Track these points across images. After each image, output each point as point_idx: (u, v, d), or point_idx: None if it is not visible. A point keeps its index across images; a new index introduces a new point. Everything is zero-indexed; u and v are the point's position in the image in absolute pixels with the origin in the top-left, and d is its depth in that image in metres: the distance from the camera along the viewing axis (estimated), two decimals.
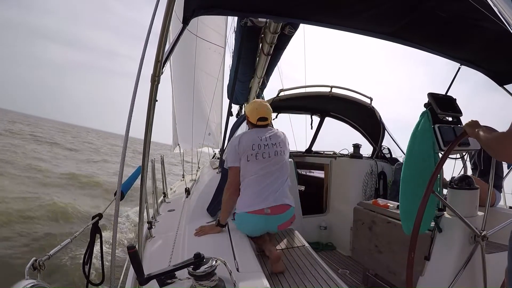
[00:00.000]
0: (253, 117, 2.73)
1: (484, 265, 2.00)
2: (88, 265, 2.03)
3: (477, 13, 1.56)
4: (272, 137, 2.68)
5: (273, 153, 2.60)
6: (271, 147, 2.61)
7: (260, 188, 2.51)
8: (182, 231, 2.76)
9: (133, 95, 1.72)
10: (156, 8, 1.75)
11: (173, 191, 6.23)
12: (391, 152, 4.77)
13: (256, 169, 2.54)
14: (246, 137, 2.63)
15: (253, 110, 2.74)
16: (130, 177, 2.70)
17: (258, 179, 2.53)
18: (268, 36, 3.65)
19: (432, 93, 2.27)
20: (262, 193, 2.49)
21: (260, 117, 2.71)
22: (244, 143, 2.59)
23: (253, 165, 2.56)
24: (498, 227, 2.13)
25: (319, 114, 5.84)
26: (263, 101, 2.90)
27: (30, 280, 1.09)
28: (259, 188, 2.50)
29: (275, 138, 2.69)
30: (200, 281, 1.40)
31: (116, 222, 1.74)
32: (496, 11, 0.84)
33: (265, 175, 2.54)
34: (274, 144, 2.64)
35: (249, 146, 2.58)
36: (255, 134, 2.66)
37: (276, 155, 2.60)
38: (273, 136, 2.69)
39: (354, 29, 2.28)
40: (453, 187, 2.18)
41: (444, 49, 2.53)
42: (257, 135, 2.65)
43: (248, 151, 2.56)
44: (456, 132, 2.18)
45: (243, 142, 2.60)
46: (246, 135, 2.66)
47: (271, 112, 2.79)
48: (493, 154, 1.54)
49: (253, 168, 2.55)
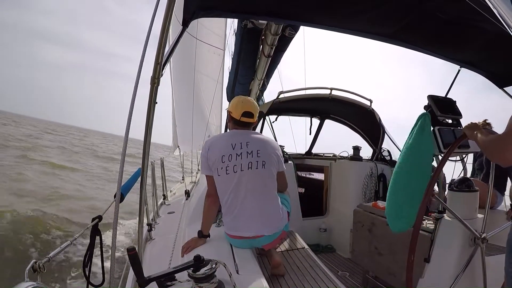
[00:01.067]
0: (237, 112, 2.29)
1: (484, 267, 2.00)
2: (88, 267, 2.02)
3: (477, 15, 1.56)
4: (251, 144, 2.20)
5: (247, 165, 2.13)
6: (245, 158, 2.14)
7: (236, 214, 2.17)
8: (182, 233, 2.76)
9: (132, 97, 1.73)
10: (156, 10, 1.75)
11: (173, 193, 6.23)
12: (391, 154, 4.77)
13: (230, 186, 2.15)
14: (216, 145, 2.21)
15: (237, 104, 2.32)
16: (130, 179, 2.69)
17: (233, 201, 2.16)
18: (269, 37, 3.65)
19: (432, 95, 2.27)
20: (239, 219, 2.17)
21: (245, 111, 2.28)
22: (212, 152, 2.19)
23: (224, 181, 2.16)
24: (497, 229, 2.13)
25: (319, 116, 5.83)
26: (249, 97, 2.48)
27: (30, 283, 1.09)
28: (235, 214, 2.17)
29: (255, 144, 2.20)
30: (200, 283, 1.40)
31: (115, 224, 1.74)
32: (496, 13, 0.84)
33: (242, 195, 2.15)
34: (250, 153, 2.16)
35: (218, 158, 2.15)
36: (229, 140, 2.21)
37: (251, 168, 2.13)
38: (252, 143, 2.21)
39: (354, 31, 2.28)
40: (452, 189, 2.18)
41: (443, 51, 2.54)
42: (231, 141, 2.20)
43: (218, 164, 2.15)
44: (456, 135, 2.18)
45: (212, 151, 2.19)
46: (218, 142, 2.23)
47: (257, 110, 2.37)
48: (490, 157, 1.55)
49: (226, 186, 2.17)
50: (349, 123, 5.64)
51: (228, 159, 2.14)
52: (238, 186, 2.14)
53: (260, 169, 2.15)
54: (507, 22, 0.81)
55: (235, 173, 2.12)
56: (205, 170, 2.25)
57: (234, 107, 2.33)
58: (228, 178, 2.14)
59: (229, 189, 2.15)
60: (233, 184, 2.13)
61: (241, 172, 2.12)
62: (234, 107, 2.32)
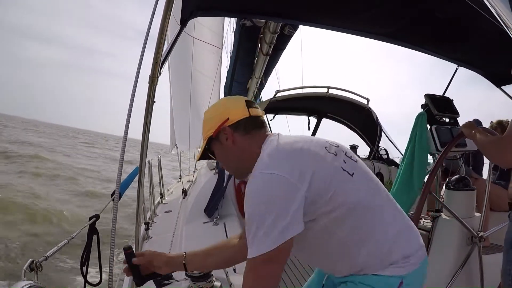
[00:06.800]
0: (238, 108, 1.28)
1: (481, 266, 2.01)
2: (85, 266, 2.02)
3: (475, 14, 1.57)
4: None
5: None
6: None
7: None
8: (179, 232, 2.76)
9: (131, 96, 1.72)
10: (155, 9, 1.75)
11: (170, 192, 6.22)
12: (388, 153, 4.78)
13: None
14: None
15: (235, 100, 1.35)
16: (127, 178, 2.68)
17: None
18: (268, 35, 3.65)
19: (429, 94, 2.28)
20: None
21: (246, 100, 1.32)
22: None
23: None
24: (494, 228, 2.14)
25: (316, 115, 5.83)
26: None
27: (27, 281, 1.08)
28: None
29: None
30: (197, 282, 1.40)
31: (114, 223, 1.73)
32: (493, 12, 0.84)
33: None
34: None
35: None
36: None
37: None
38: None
39: (352, 30, 2.28)
40: (450, 188, 2.19)
41: (441, 50, 2.54)
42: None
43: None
44: (453, 133, 2.19)
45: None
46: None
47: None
48: (489, 158, 1.56)
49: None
50: (346, 122, 5.64)
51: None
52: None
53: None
54: (505, 21, 0.81)
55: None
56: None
57: (231, 105, 1.32)
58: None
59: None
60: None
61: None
62: (233, 104, 1.32)
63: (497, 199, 2.76)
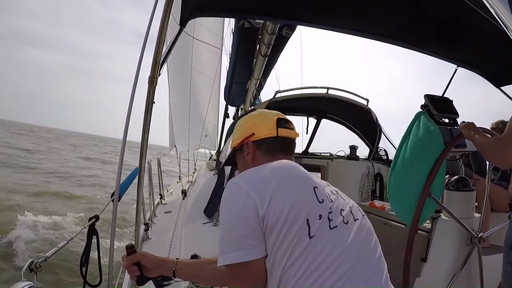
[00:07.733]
0: (267, 126, 1.21)
1: (480, 266, 2.01)
2: (85, 267, 2.02)
3: (474, 15, 1.57)
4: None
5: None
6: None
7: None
8: (179, 232, 2.75)
9: (131, 97, 1.72)
10: (154, 9, 1.75)
11: (170, 193, 6.22)
12: (387, 153, 4.78)
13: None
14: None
15: (267, 116, 1.25)
16: (127, 178, 2.68)
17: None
18: (266, 37, 3.66)
19: (428, 94, 2.28)
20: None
21: (279, 118, 1.24)
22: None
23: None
24: (494, 228, 2.14)
25: (316, 115, 5.83)
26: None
27: (27, 282, 1.08)
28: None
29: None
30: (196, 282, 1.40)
31: (114, 223, 1.73)
32: (493, 13, 0.84)
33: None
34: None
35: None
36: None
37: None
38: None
39: (351, 30, 2.28)
40: (449, 189, 2.19)
41: (440, 51, 2.54)
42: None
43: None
44: (452, 134, 2.18)
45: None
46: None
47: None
48: (488, 159, 1.57)
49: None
50: (345, 123, 5.64)
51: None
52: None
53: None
54: (504, 22, 0.81)
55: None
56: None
57: (258, 121, 1.25)
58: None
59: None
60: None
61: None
62: (260, 120, 1.25)
63: (498, 199, 2.76)
